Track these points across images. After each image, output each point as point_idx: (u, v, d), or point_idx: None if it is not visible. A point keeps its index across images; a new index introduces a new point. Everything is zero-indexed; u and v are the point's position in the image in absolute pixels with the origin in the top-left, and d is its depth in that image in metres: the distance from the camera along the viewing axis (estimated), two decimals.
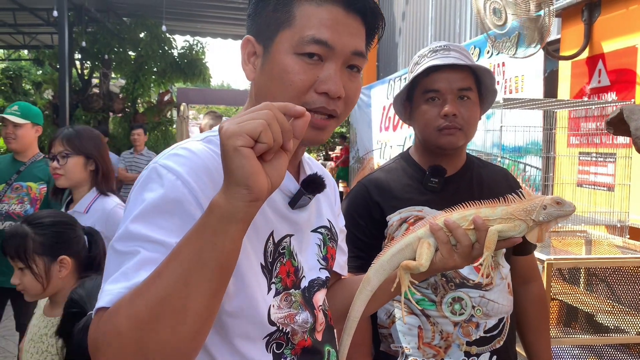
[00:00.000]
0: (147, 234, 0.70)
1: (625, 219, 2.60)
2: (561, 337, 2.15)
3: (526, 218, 0.87)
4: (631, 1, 3.09)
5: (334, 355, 0.94)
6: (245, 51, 0.85)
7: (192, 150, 0.78)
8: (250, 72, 0.85)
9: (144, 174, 0.78)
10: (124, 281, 0.67)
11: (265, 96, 0.82)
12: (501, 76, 4.16)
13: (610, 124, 1.29)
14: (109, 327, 0.64)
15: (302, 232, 0.89)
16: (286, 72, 0.79)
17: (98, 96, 11.37)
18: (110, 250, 0.73)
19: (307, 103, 0.80)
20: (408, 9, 7.70)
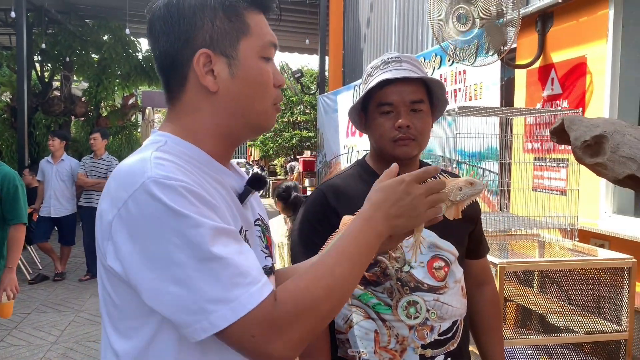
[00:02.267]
0: (211, 227, 0.76)
1: (575, 223, 2.71)
2: (515, 338, 2.22)
3: (445, 199, 0.96)
4: (581, 13, 3.22)
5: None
6: (199, 64, 0.87)
7: (165, 159, 0.82)
8: (212, 84, 0.87)
9: (138, 197, 0.76)
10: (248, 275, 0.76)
11: (240, 100, 0.89)
12: (462, 83, 4.27)
13: (553, 133, 1.35)
14: (299, 307, 0.76)
15: (252, 228, 0.96)
16: (262, 75, 0.90)
17: (59, 99, 11.09)
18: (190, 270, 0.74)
19: (275, 98, 0.94)
20: (372, 16, 7.80)
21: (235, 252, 0.76)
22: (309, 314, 0.77)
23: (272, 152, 16.00)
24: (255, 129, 0.95)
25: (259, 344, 0.74)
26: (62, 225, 6.44)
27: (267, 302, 0.75)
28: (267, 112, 0.93)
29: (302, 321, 0.76)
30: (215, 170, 0.90)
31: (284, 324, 0.75)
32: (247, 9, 0.89)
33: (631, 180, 1.17)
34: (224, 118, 0.90)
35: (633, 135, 1.21)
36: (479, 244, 1.61)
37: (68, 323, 4.89)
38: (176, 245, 0.74)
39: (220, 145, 0.92)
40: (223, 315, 0.72)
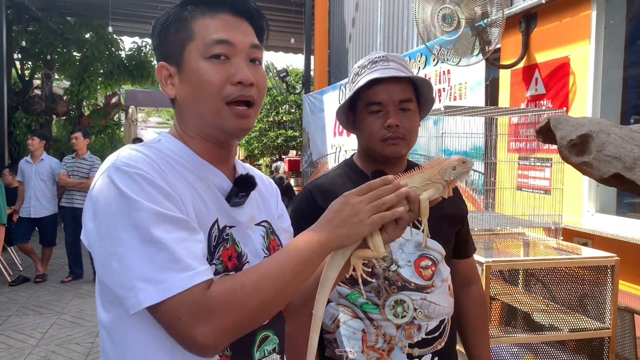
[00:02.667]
0: (155, 212, 0.82)
1: (559, 221, 2.73)
2: (501, 336, 2.24)
3: (441, 180, 0.97)
4: (564, 14, 3.26)
5: (272, 342, 1.01)
6: (160, 76, 0.97)
7: (137, 150, 0.90)
8: (170, 91, 0.96)
9: (103, 180, 0.86)
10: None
11: (190, 103, 0.95)
12: (447, 83, 4.29)
13: (539, 132, 1.36)
14: (239, 298, 0.80)
15: (243, 227, 0.99)
16: (202, 75, 0.92)
17: (40, 98, 10.91)
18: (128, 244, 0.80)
19: (227, 95, 0.92)
20: (358, 15, 7.81)
21: (176, 239, 0.81)
22: (237, 307, 0.80)
23: (257, 151, 15.94)
24: (217, 130, 0.95)
25: (184, 326, 0.78)
26: (42, 226, 6.33)
27: (196, 288, 0.79)
28: (219, 111, 0.93)
29: (229, 313, 0.79)
30: (199, 168, 0.96)
31: (211, 312, 0.79)
32: (194, 16, 0.94)
33: (616, 179, 1.18)
34: (189, 121, 0.97)
35: (618, 135, 1.22)
36: (466, 244, 1.62)
37: (50, 325, 4.81)
38: (122, 225, 0.81)
39: (203, 146, 0.97)
40: (150, 294, 0.78)
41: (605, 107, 3.12)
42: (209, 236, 0.91)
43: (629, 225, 2.82)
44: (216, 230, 0.93)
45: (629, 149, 1.18)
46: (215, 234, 0.93)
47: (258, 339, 0.98)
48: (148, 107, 19.92)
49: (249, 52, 0.95)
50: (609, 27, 3.09)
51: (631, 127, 1.25)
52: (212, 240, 0.92)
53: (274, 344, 1.02)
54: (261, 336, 0.99)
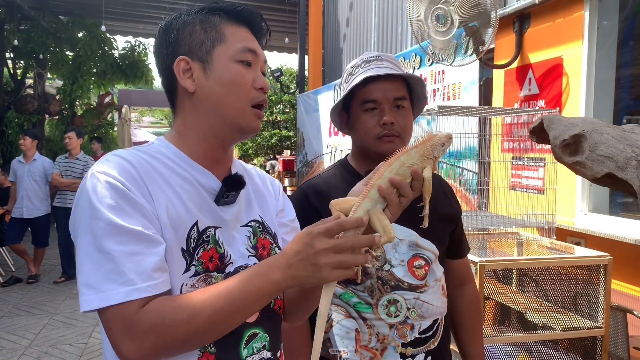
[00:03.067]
0: (121, 226, 0.86)
1: (552, 221, 2.74)
2: (494, 335, 2.24)
3: (432, 155, 0.97)
4: (558, 14, 3.27)
5: (262, 339, 1.02)
6: (179, 69, 1.00)
7: (119, 155, 0.95)
8: (191, 85, 0.99)
9: (83, 184, 0.91)
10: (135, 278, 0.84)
11: (216, 100, 0.98)
12: (441, 83, 4.30)
13: (532, 132, 1.36)
14: (177, 319, 0.83)
15: (229, 226, 1.01)
16: (234, 75, 0.98)
17: (32, 97, 10.83)
18: (90, 249, 0.86)
19: (254, 98, 1.00)
20: (352, 15, 7.82)
21: (126, 253, 0.84)
22: (165, 332, 0.83)
23: (252, 151, 15.93)
24: (234, 128, 1.00)
25: (114, 337, 0.83)
26: (35, 226, 6.29)
27: (130, 305, 0.83)
28: (244, 111, 0.99)
29: (156, 335, 0.83)
30: (188, 170, 0.99)
31: (138, 331, 0.82)
32: (224, 22, 1.01)
33: (609, 179, 1.18)
34: (203, 117, 0.99)
35: (611, 135, 1.23)
36: (460, 244, 1.62)
37: (42, 326, 4.78)
38: (84, 231, 0.87)
39: (204, 145, 1.01)
40: (90, 300, 0.83)
41: (598, 107, 3.13)
42: (187, 238, 0.94)
43: (621, 224, 2.83)
44: (195, 233, 0.95)
45: (622, 148, 1.18)
46: (194, 236, 0.95)
47: (245, 336, 0.99)
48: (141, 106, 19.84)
49: (262, 65, 1.05)
50: (602, 28, 3.11)
51: (623, 127, 1.26)
52: (190, 242, 0.94)
53: (264, 341, 1.02)
54: (249, 333, 1.00)
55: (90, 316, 5.07)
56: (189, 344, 0.86)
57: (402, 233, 1.42)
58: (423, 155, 0.96)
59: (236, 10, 1.02)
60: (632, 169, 1.16)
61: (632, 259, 2.67)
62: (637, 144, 1.22)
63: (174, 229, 0.92)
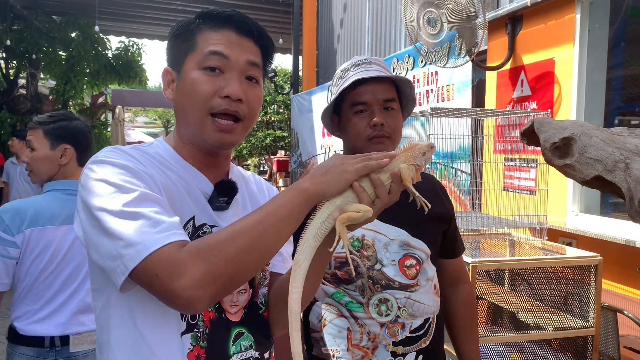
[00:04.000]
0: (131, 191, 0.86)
1: (544, 222, 2.77)
2: (487, 335, 2.26)
3: (414, 163, 0.98)
4: (549, 17, 3.30)
5: (247, 339, 1.03)
6: (165, 79, 1.03)
7: (119, 148, 0.96)
8: (169, 94, 1.03)
9: (86, 174, 0.91)
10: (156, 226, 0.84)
11: (182, 109, 0.99)
12: (434, 84, 4.33)
13: (523, 134, 1.38)
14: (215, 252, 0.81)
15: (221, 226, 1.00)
16: (194, 83, 0.95)
17: (25, 97, 10.78)
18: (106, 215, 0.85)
19: (213, 107, 0.95)
20: (346, 16, 7.83)
21: (153, 210, 0.84)
22: (211, 253, 0.81)
23: (246, 152, 15.92)
24: (200, 139, 0.99)
25: (163, 282, 0.80)
26: None
27: (170, 246, 0.81)
28: (202, 122, 0.96)
29: (203, 259, 0.80)
30: (183, 171, 1.00)
31: (185, 263, 0.80)
32: (199, 29, 0.99)
33: (598, 181, 1.20)
34: (180, 125, 1.03)
35: (599, 138, 1.24)
36: (454, 243, 1.63)
37: None
38: (104, 205, 0.85)
39: (191, 151, 1.02)
40: (131, 257, 0.81)
41: (589, 109, 3.16)
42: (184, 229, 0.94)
43: (612, 225, 2.86)
44: (190, 227, 0.96)
45: (610, 151, 1.20)
46: (189, 230, 0.96)
47: (233, 334, 1.01)
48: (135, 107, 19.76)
49: (244, 69, 0.97)
50: (593, 30, 3.14)
51: (612, 130, 1.28)
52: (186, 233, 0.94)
53: (249, 341, 1.04)
54: (236, 331, 1.01)
55: None
56: (238, 264, 0.82)
57: (393, 233, 1.44)
58: (404, 162, 0.97)
59: (213, 14, 0.99)
60: (620, 171, 1.18)
61: (623, 259, 2.70)
62: (626, 146, 1.24)
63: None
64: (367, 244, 1.43)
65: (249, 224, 0.84)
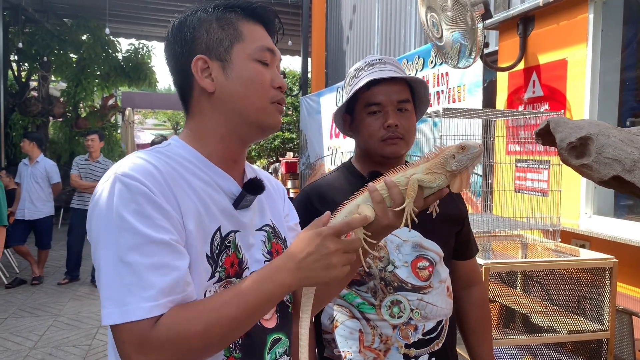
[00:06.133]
0: (147, 236, 0.83)
1: (557, 223, 2.74)
2: (499, 338, 2.23)
3: (443, 170, 0.94)
4: (562, 17, 3.27)
5: (283, 344, 1.02)
6: (197, 68, 0.97)
7: (144, 159, 0.91)
8: (210, 85, 0.97)
9: (105, 187, 0.88)
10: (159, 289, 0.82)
11: (237, 98, 0.97)
12: (445, 85, 4.30)
13: (538, 135, 1.36)
14: (198, 328, 0.81)
15: (247, 230, 1.00)
16: (255, 74, 0.97)
17: (36, 100, 10.89)
18: (117, 262, 0.82)
19: (273, 97, 0.99)
20: (355, 18, 7.83)
21: (150, 266, 0.82)
22: (179, 345, 0.81)
23: (255, 153, 15.95)
24: (256, 126, 0.99)
25: (127, 352, 0.81)
26: (38, 228, 6.31)
27: (147, 321, 0.80)
28: (265, 109, 0.98)
29: (171, 350, 0.80)
30: (208, 173, 0.97)
31: (153, 346, 0.80)
32: (240, 20, 0.99)
33: (616, 182, 1.18)
34: (223, 117, 0.98)
35: (617, 137, 1.22)
36: (467, 245, 1.61)
37: (47, 328, 4.79)
38: (107, 240, 0.83)
39: (223, 147, 0.99)
40: (111, 314, 0.81)
41: (602, 110, 3.12)
42: (211, 244, 0.93)
43: (626, 227, 2.82)
44: (218, 238, 0.94)
45: (629, 151, 1.18)
46: (217, 242, 0.94)
47: (269, 342, 0.99)
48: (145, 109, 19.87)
49: (278, 63, 1.04)
50: (606, 30, 3.10)
51: (630, 129, 1.26)
52: (214, 248, 0.93)
53: (285, 347, 1.03)
54: (272, 339, 0.99)
55: (94, 318, 5.08)
56: (202, 355, 0.84)
57: (405, 234, 1.43)
58: (429, 169, 0.95)
59: (252, 8, 1.01)
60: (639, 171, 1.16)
61: (638, 261, 2.66)
62: None
63: (199, 235, 0.90)
64: (379, 245, 1.41)
65: (225, 318, 0.83)
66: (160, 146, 0.99)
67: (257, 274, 0.87)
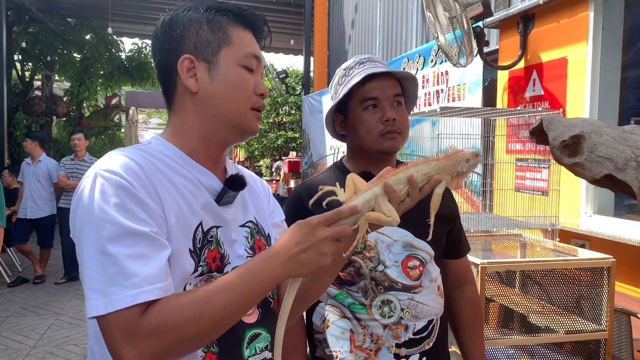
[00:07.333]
0: (128, 228, 0.84)
1: (556, 223, 2.72)
2: (497, 338, 2.22)
3: (452, 171, 0.96)
4: (562, 15, 3.25)
5: (264, 339, 1.02)
6: (183, 67, 0.98)
7: (125, 155, 0.93)
8: (194, 85, 0.98)
9: (86, 183, 0.89)
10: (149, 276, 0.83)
11: (219, 101, 0.98)
12: (445, 84, 4.29)
13: (532, 133, 1.35)
14: (183, 318, 0.81)
15: (229, 226, 1.01)
16: (241, 79, 0.98)
17: (40, 99, 10.93)
18: (95, 253, 0.83)
19: (254, 103, 1.00)
20: (357, 17, 7.81)
21: (131, 255, 0.82)
22: (169, 334, 0.81)
23: (258, 153, 15.97)
24: (236, 130, 1.00)
25: (114, 343, 0.80)
26: (40, 227, 6.33)
27: (134, 309, 0.80)
28: (245, 114, 0.99)
29: (159, 338, 0.80)
30: (189, 169, 0.98)
31: (141, 335, 0.80)
32: (231, 24, 1.00)
33: (608, 180, 1.17)
34: (205, 118, 0.99)
35: (610, 135, 1.21)
36: (459, 243, 1.61)
37: (48, 327, 4.80)
38: (89, 234, 0.84)
39: (204, 145, 1.01)
40: (96, 306, 0.81)
41: (603, 109, 3.10)
42: (193, 239, 0.94)
43: (626, 226, 2.80)
44: (200, 233, 0.95)
45: (621, 149, 1.17)
46: (199, 237, 0.95)
47: (247, 337, 0.99)
48: (149, 108, 19.93)
49: (262, 71, 1.06)
50: (607, 28, 3.08)
51: (624, 127, 1.25)
52: (196, 243, 0.94)
53: (266, 342, 1.03)
54: (251, 334, 1.00)
55: None
56: (191, 346, 0.85)
57: (396, 234, 1.42)
58: (442, 169, 0.96)
59: (243, 14, 1.02)
60: (632, 170, 1.15)
61: (637, 261, 2.64)
62: (637, 145, 1.20)
63: (181, 230, 0.91)
64: (369, 245, 1.41)
65: (215, 306, 0.83)
66: (141, 144, 1.01)
67: (247, 265, 0.87)
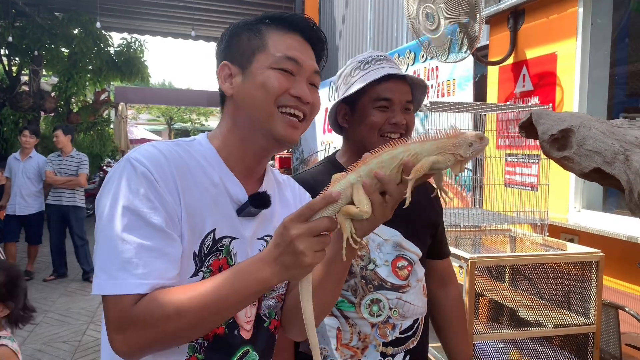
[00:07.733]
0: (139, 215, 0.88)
1: (545, 218, 2.74)
2: (487, 332, 2.23)
3: (455, 152, 0.89)
4: (552, 11, 3.26)
5: (251, 357, 1.02)
6: (222, 74, 1.02)
7: (157, 148, 0.95)
8: (228, 89, 1.01)
9: (117, 167, 0.93)
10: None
11: (247, 104, 0.99)
12: (434, 80, 4.29)
13: (522, 127, 1.35)
14: (170, 311, 0.83)
15: (246, 239, 1.00)
16: (266, 79, 0.97)
17: (27, 94, 10.80)
18: (110, 235, 0.87)
19: (282, 101, 0.97)
20: (348, 12, 7.79)
21: (145, 247, 0.86)
22: (152, 328, 0.84)
23: None
24: (268, 137, 0.98)
25: (109, 324, 0.86)
26: (28, 223, 6.26)
27: (130, 297, 0.84)
28: (271, 115, 0.97)
29: (143, 330, 0.84)
30: (220, 174, 0.99)
31: (129, 324, 0.84)
32: (270, 30, 1.01)
33: (597, 174, 1.17)
34: (239, 122, 1.00)
35: (599, 129, 1.21)
36: (442, 244, 1.65)
37: (36, 324, 4.76)
38: (110, 215, 0.88)
39: (239, 152, 1.01)
40: (102, 285, 0.85)
41: (592, 104, 3.12)
42: (201, 243, 0.94)
43: (615, 221, 2.83)
44: (210, 240, 0.96)
45: (609, 143, 1.17)
46: (208, 243, 0.95)
47: (239, 353, 1.00)
48: (138, 104, 19.78)
49: (311, 76, 1.02)
50: (596, 24, 3.09)
51: (612, 121, 1.25)
52: (204, 247, 0.95)
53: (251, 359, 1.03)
54: (242, 351, 1.00)
55: (84, 314, 5.06)
56: (174, 340, 0.87)
57: (387, 233, 1.43)
58: (440, 149, 0.88)
59: (281, 17, 1.03)
60: (620, 163, 1.15)
61: (625, 255, 2.66)
62: (626, 138, 1.21)
63: (191, 230, 0.92)
64: (360, 243, 1.41)
65: (198, 306, 0.84)
66: (186, 139, 1.04)
67: (238, 267, 0.87)
